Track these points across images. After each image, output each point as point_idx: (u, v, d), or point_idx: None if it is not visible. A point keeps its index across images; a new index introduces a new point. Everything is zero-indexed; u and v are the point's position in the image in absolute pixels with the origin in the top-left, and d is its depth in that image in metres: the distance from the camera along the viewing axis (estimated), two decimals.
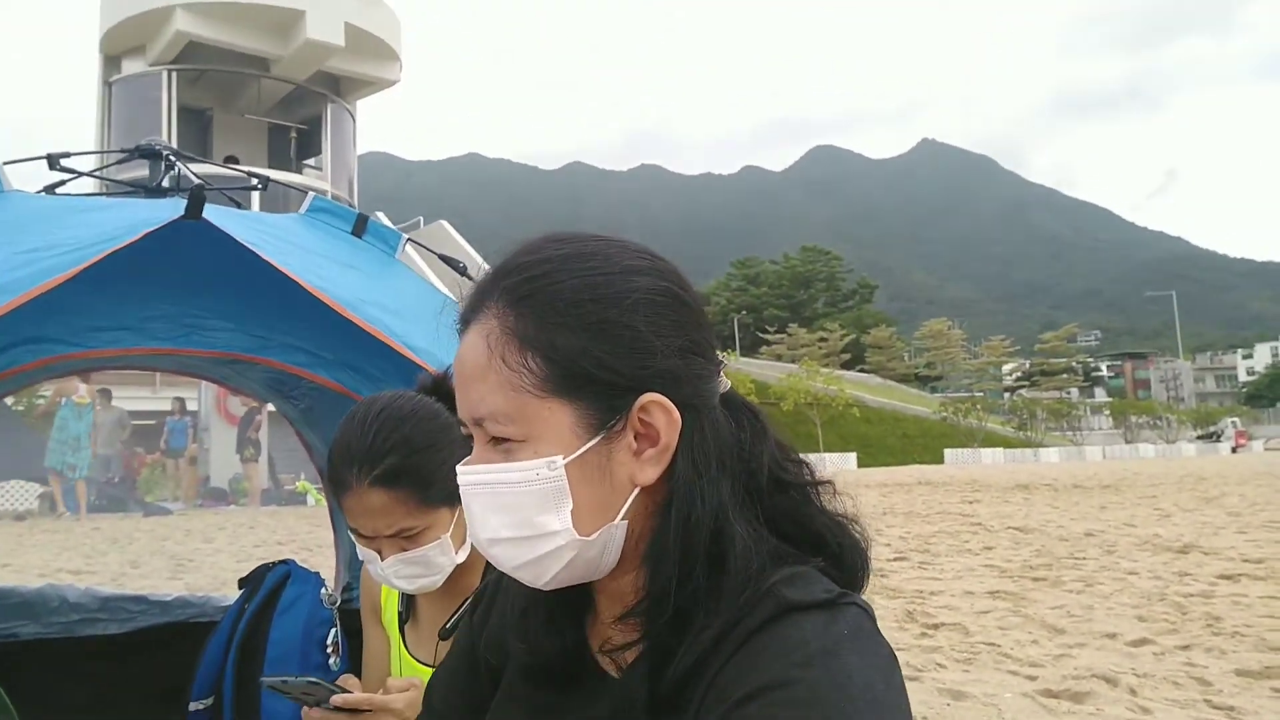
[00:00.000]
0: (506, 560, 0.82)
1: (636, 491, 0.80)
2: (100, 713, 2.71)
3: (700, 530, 0.78)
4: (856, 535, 0.86)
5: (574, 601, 0.90)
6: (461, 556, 1.48)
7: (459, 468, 0.82)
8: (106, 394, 16.84)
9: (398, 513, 1.40)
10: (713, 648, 0.75)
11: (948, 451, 45.74)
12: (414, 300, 2.30)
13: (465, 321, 0.83)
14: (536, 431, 0.78)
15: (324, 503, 17.33)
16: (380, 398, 1.47)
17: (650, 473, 0.79)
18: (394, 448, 1.38)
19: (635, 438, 0.79)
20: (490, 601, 1.02)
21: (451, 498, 1.45)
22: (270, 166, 22.78)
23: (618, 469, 0.79)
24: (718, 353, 0.87)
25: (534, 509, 0.78)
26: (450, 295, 2.41)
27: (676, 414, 0.79)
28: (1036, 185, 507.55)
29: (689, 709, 0.76)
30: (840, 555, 0.83)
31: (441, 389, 1.52)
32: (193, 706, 2.36)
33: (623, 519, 0.80)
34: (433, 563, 1.45)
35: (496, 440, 0.79)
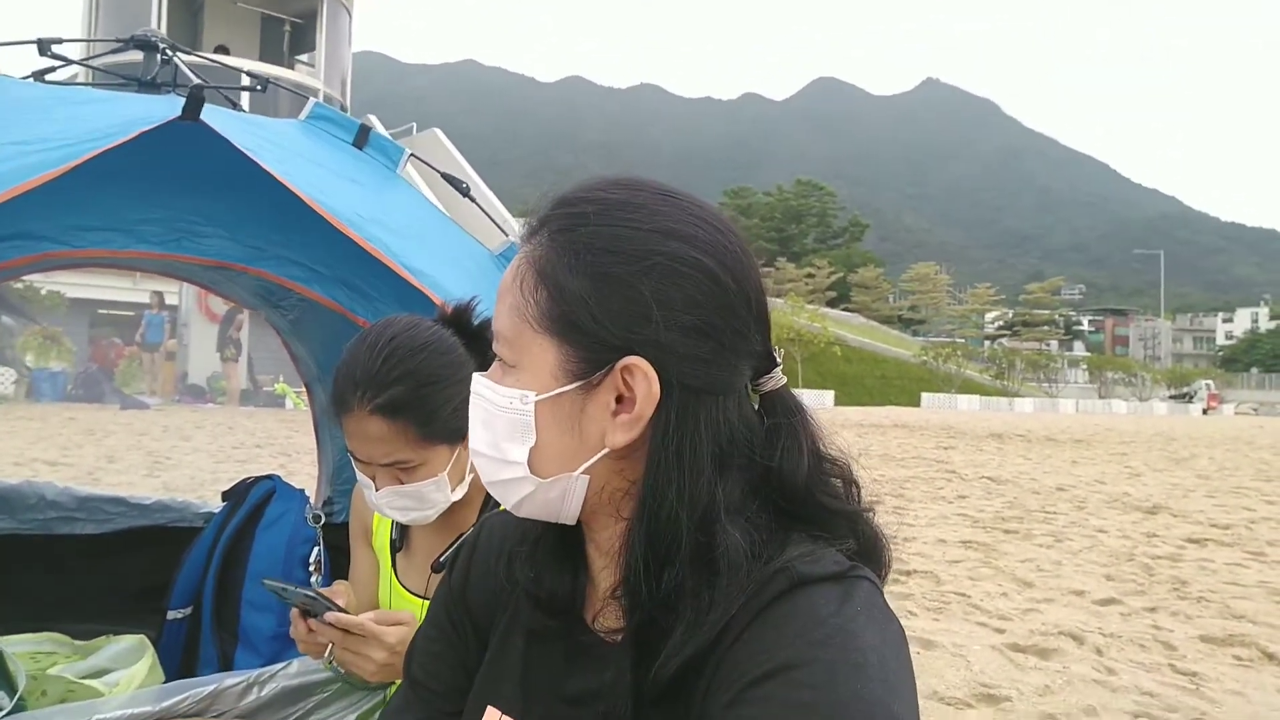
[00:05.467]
0: (482, 473, 0.84)
1: (604, 452, 0.78)
2: (74, 611, 2.69)
3: (674, 524, 0.75)
4: (886, 561, 0.83)
5: (578, 548, 0.88)
6: (458, 494, 1.45)
7: (476, 374, 0.84)
8: None
9: (396, 443, 1.37)
10: (715, 637, 0.73)
11: (925, 395, 46.30)
12: (414, 219, 2.23)
13: (523, 242, 0.83)
14: (524, 362, 0.79)
15: (303, 406, 17.41)
16: (396, 323, 1.42)
17: (620, 437, 0.77)
18: (400, 378, 1.34)
19: (618, 400, 0.77)
20: (468, 561, 1.00)
21: (453, 436, 1.41)
22: (262, 59, 22.16)
23: (590, 424, 0.78)
24: (769, 350, 0.83)
25: (503, 434, 0.80)
26: (443, 211, 2.34)
27: (657, 386, 0.76)
28: (1036, 134, 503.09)
29: (696, 685, 0.74)
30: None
31: (461, 321, 1.47)
32: (170, 615, 2.36)
33: (583, 473, 0.79)
34: (426, 498, 1.42)
35: (500, 359, 0.81)
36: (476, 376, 0.84)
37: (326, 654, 1.42)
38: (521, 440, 0.79)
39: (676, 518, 0.75)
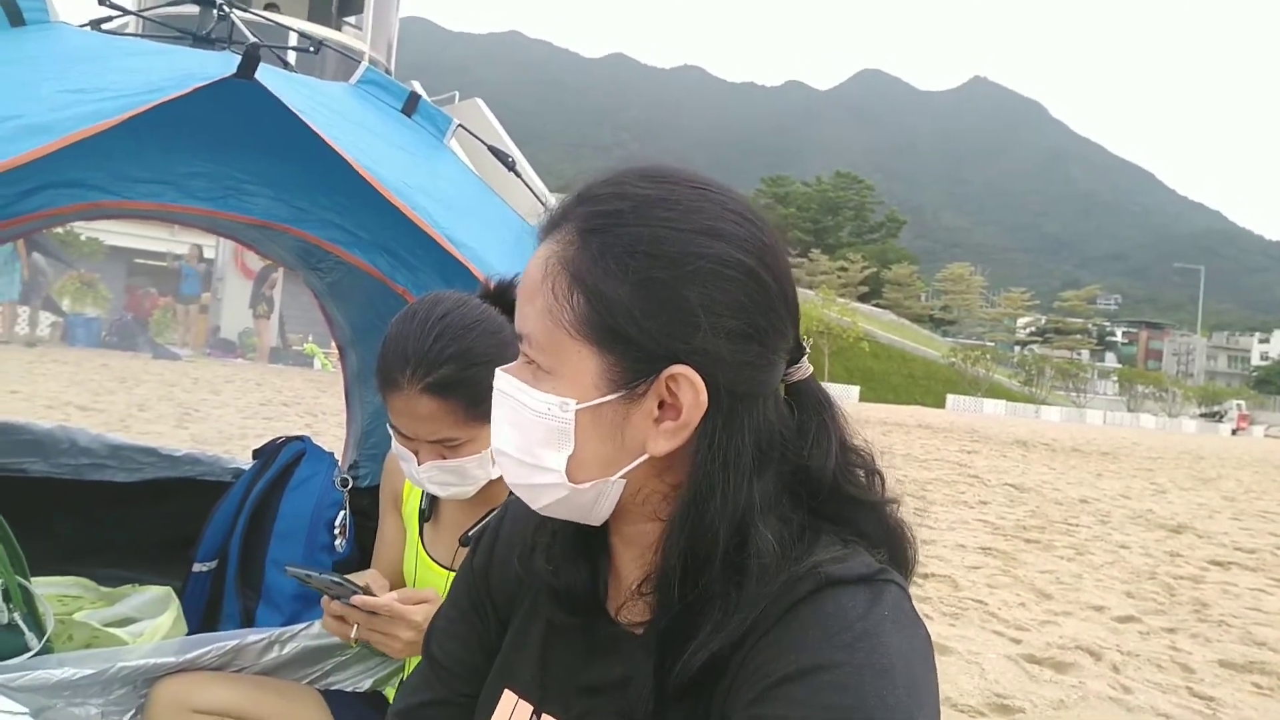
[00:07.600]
0: (507, 474, 0.82)
1: (644, 458, 0.77)
2: (101, 557, 2.73)
3: (714, 529, 0.74)
4: (911, 555, 0.83)
5: (599, 541, 0.87)
6: (497, 472, 1.45)
7: (499, 369, 0.81)
8: None
9: (444, 422, 1.36)
10: (740, 636, 0.73)
11: (950, 397, 46.02)
12: (460, 191, 2.23)
13: (544, 234, 0.80)
14: (562, 368, 0.76)
15: (330, 368, 17.56)
16: (444, 300, 1.41)
17: (664, 445, 0.76)
18: (452, 357, 1.34)
19: (660, 406, 0.76)
20: (492, 544, 0.99)
21: None
22: (310, 19, 22.20)
23: (632, 431, 0.76)
24: (798, 340, 0.81)
25: (538, 440, 0.78)
26: (483, 181, 2.33)
27: (704, 395, 0.74)
28: (1082, 138, 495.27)
29: (719, 681, 0.74)
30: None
31: (504, 298, 1.46)
32: (196, 568, 2.38)
33: (620, 478, 0.78)
34: (469, 474, 1.42)
35: (530, 360, 0.78)
36: (501, 374, 0.81)
37: (353, 634, 1.43)
38: (559, 448, 0.77)
39: (717, 522, 0.74)
